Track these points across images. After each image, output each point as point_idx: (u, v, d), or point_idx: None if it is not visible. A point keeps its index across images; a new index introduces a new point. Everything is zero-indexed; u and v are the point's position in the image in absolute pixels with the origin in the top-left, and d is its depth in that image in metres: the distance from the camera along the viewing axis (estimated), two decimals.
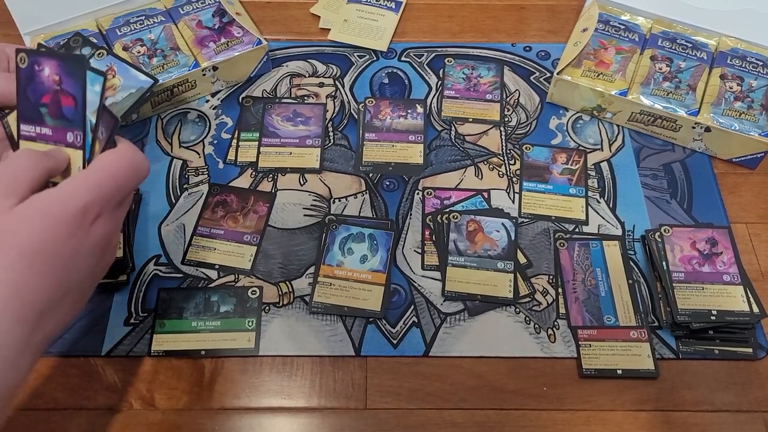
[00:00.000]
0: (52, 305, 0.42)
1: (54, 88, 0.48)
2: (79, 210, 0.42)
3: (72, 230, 0.42)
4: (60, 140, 0.48)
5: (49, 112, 0.48)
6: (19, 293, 0.40)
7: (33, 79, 0.48)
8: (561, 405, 0.58)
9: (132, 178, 0.46)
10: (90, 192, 0.43)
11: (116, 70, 0.56)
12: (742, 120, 0.70)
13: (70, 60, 0.47)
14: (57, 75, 0.47)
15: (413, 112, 0.76)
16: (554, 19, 0.86)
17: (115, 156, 0.46)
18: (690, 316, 0.60)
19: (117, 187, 0.45)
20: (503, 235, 0.66)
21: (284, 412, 0.57)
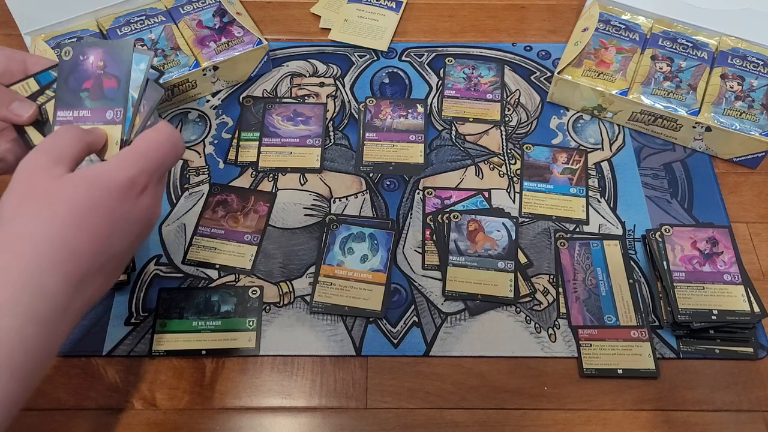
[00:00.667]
0: (95, 270, 0.43)
1: (97, 73, 0.51)
2: (127, 180, 0.45)
3: (120, 199, 0.44)
4: (99, 119, 0.50)
5: (90, 96, 0.51)
6: (69, 251, 0.41)
7: (76, 68, 0.51)
8: (561, 405, 0.58)
9: (172, 154, 0.49)
10: (136, 165, 0.45)
11: None
12: (742, 119, 0.70)
13: (116, 45, 0.52)
14: (102, 61, 0.51)
15: (414, 112, 0.76)
16: (555, 18, 0.86)
17: (156, 133, 0.48)
18: (691, 315, 0.60)
19: (161, 160, 0.47)
20: (504, 234, 0.66)
21: (285, 411, 0.57)
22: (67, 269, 0.41)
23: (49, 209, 0.42)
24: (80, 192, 0.43)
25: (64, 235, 0.41)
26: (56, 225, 0.41)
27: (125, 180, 0.45)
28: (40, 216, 0.41)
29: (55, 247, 0.41)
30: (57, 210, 0.42)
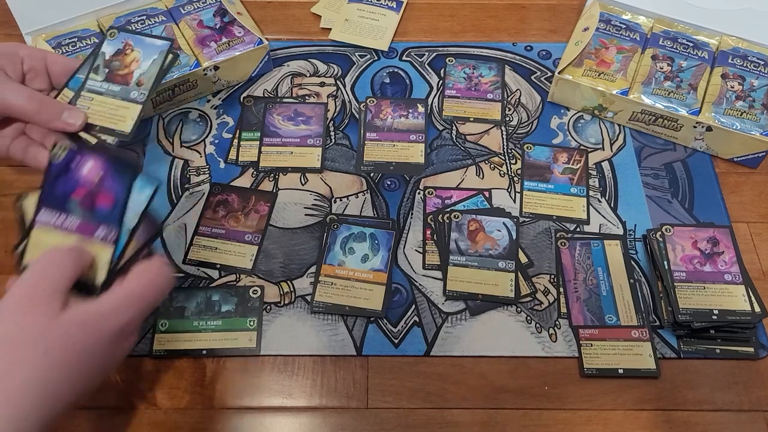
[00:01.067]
0: (73, 403, 0.44)
1: (93, 183, 0.51)
2: (122, 327, 0.46)
3: (111, 345, 0.46)
4: (86, 233, 0.50)
5: (81, 205, 0.50)
6: (54, 396, 0.42)
7: (67, 173, 0.51)
8: (562, 404, 0.58)
9: (165, 293, 0.50)
10: (132, 309, 0.47)
11: (132, 43, 0.59)
12: (743, 119, 0.70)
13: (121, 161, 0.51)
14: (101, 171, 0.51)
15: (414, 112, 0.76)
16: (555, 18, 0.86)
17: (153, 274, 0.49)
18: (691, 315, 0.60)
19: (155, 302, 0.49)
20: (504, 234, 0.66)
21: (285, 411, 0.57)
22: (45, 414, 0.42)
23: (41, 347, 0.42)
24: (74, 338, 0.44)
25: (51, 380, 0.42)
26: (46, 371, 0.42)
27: (119, 327, 0.46)
28: (30, 353, 0.42)
29: (39, 392, 0.42)
30: (49, 355, 0.42)
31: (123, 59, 0.58)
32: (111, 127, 0.56)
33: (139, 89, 0.56)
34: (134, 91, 0.56)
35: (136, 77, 0.57)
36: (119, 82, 0.57)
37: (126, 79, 0.57)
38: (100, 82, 0.57)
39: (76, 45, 0.74)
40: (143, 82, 0.56)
